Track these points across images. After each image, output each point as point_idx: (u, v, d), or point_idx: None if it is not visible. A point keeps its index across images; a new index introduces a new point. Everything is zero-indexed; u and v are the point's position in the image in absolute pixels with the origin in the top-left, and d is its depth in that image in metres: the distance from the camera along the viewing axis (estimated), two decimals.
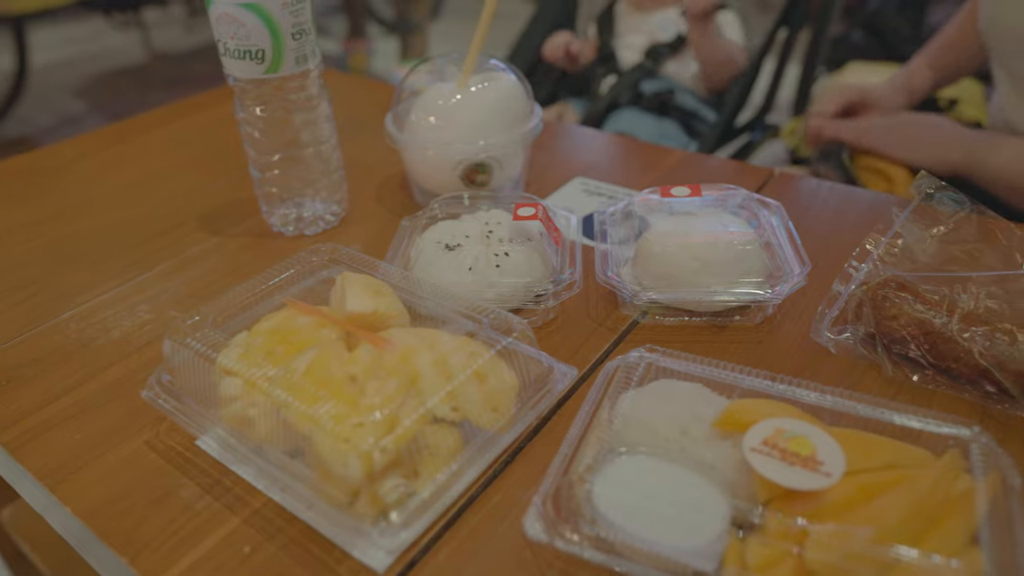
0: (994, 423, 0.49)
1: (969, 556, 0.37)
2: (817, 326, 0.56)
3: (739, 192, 0.64)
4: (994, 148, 0.85)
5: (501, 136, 0.71)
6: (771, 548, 0.38)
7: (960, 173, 0.88)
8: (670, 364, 0.48)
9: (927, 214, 0.56)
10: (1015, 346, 0.48)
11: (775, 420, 0.42)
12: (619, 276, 0.61)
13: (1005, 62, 0.88)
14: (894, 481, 0.41)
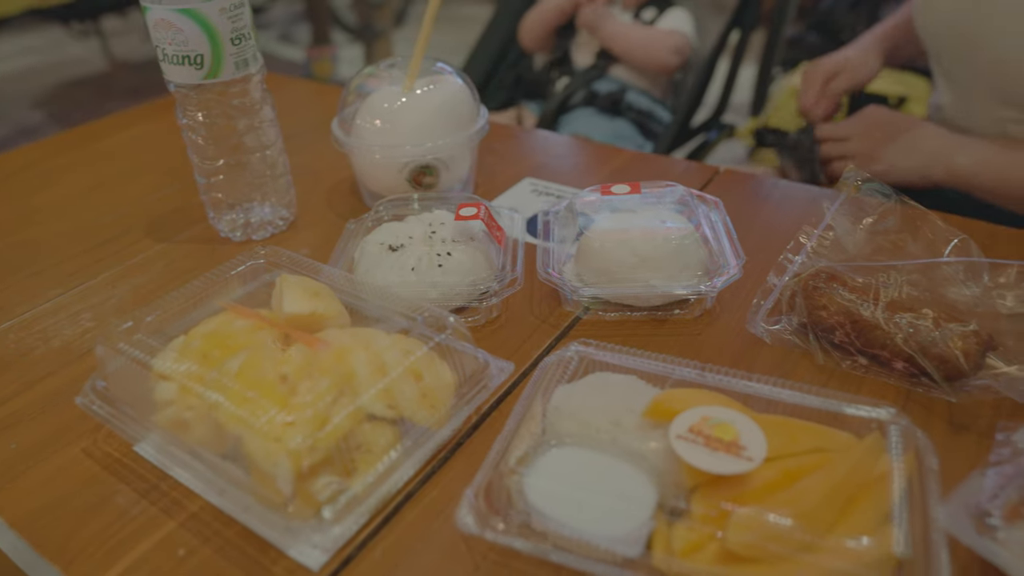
0: (918, 407, 0.50)
1: (883, 533, 0.38)
2: (752, 317, 0.57)
3: (677, 189, 0.65)
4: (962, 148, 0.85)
5: (447, 138, 0.72)
6: (696, 533, 0.39)
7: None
8: (604, 357, 0.49)
9: (857, 206, 0.58)
10: (936, 331, 0.50)
11: (701, 408, 0.43)
12: (562, 273, 0.62)
13: (938, 57, 0.90)
14: (816, 464, 0.42)
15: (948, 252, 0.52)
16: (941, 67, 0.91)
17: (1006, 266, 0.50)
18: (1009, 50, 0.78)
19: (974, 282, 0.51)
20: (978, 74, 0.84)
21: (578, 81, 1.35)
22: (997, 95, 0.83)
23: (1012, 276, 0.50)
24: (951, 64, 0.89)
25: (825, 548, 0.38)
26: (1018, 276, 0.50)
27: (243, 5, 0.63)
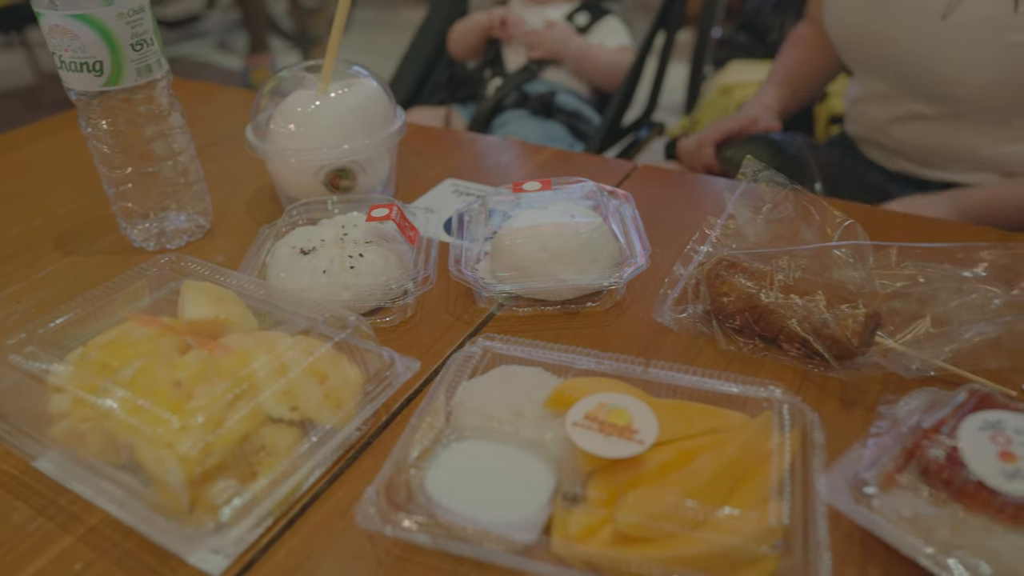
0: (813, 386, 0.52)
1: (768, 507, 0.40)
2: (660, 307, 0.59)
3: (588, 184, 0.67)
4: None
5: (362, 140, 0.72)
6: (591, 517, 0.40)
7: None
8: (510, 351, 0.50)
9: (755, 196, 0.60)
10: (827, 313, 0.52)
11: (599, 395, 0.44)
12: (477, 271, 0.63)
13: (850, 55, 0.94)
14: (710, 445, 0.44)
15: (837, 236, 0.54)
16: (852, 62, 0.95)
17: (887, 247, 0.52)
18: (913, 46, 0.82)
19: (860, 264, 0.53)
20: (889, 69, 0.87)
21: (510, 84, 1.36)
22: (908, 89, 0.86)
23: (893, 256, 0.52)
24: (863, 61, 0.92)
25: (713, 524, 0.39)
26: (898, 256, 0.52)
27: (143, 10, 0.62)
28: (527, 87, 1.36)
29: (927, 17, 0.79)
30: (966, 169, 0.88)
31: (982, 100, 0.81)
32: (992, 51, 0.76)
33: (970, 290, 0.49)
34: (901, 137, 0.91)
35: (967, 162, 0.87)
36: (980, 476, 0.36)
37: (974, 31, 0.77)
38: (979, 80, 0.79)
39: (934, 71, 0.82)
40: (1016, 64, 0.76)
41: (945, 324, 0.50)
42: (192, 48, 3.79)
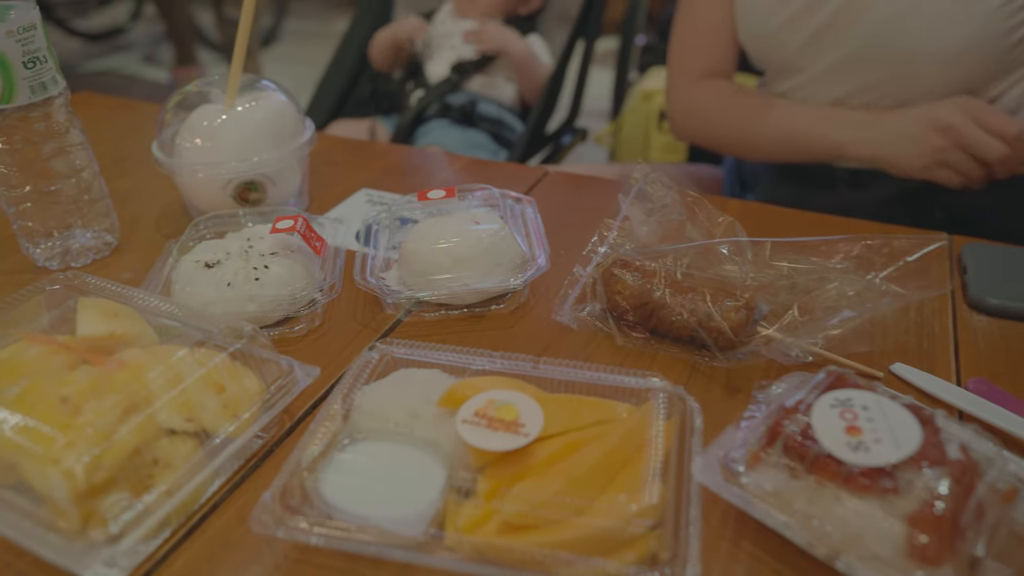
0: (701, 376, 0.56)
1: (647, 490, 0.42)
2: (560, 307, 0.61)
3: (492, 191, 0.69)
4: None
5: (270, 153, 0.73)
6: (480, 509, 0.42)
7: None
8: (409, 355, 0.52)
9: (646, 197, 0.62)
10: (712, 307, 0.55)
11: (489, 393, 0.46)
12: (385, 278, 0.64)
13: (792, 54, 0.95)
14: (595, 435, 0.46)
15: (719, 234, 0.58)
16: (799, 62, 0.93)
17: (763, 243, 0.56)
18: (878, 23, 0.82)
19: (740, 259, 0.56)
20: (843, 55, 0.87)
21: (432, 95, 1.38)
22: (858, 73, 0.87)
23: (767, 251, 0.56)
24: (806, 57, 0.91)
25: (593, 509, 0.41)
26: (772, 251, 0.56)
27: (34, 28, 0.61)
28: (449, 97, 1.38)
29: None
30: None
31: (937, 77, 0.83)
32: (955, 22, 0.78)
33: (834, 279, 0.52)
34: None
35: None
36: (829, 449, 0.39)
37: (935, 2, 0.79)
38: (941, 54, 0.81)
39: (890, 52, 0.83)
40: (980, 32, 0.78)
41: (815, 313, 0.53)
42: (117, 61, 3.70)
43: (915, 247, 0.53)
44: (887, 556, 0.37)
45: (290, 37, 3.99)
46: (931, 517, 0.36)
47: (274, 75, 3.15)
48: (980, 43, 0.79)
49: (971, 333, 0.59)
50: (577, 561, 0.39)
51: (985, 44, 0.79)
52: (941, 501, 0.37)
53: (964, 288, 0.64)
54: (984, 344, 0.58)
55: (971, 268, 0.65)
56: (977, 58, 0.81)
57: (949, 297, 0.63)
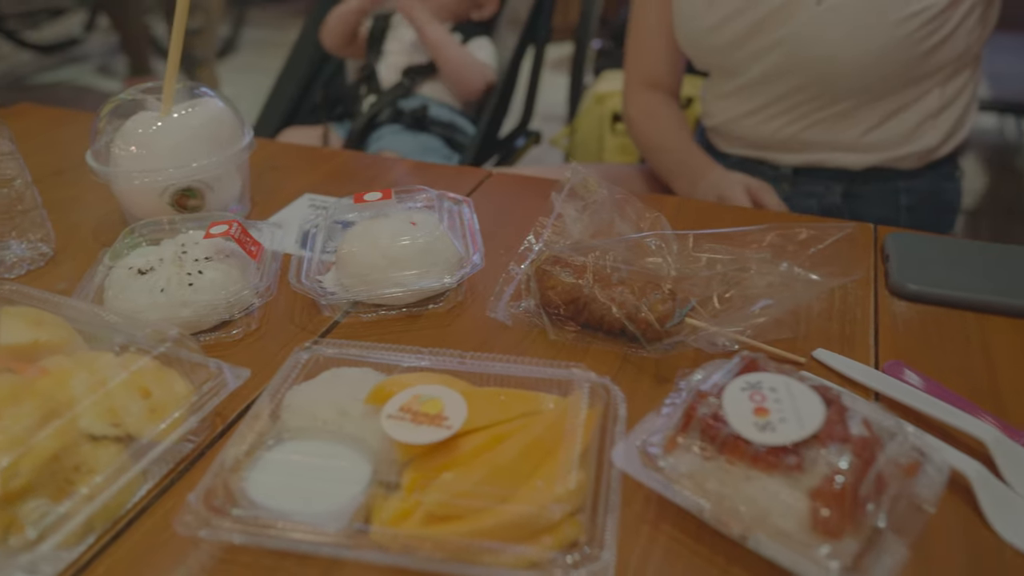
0: (632, 366, 0.57)
1: (569, 477, 0.43)
2: (495, 304, 0.62)
3: (429, 192, 0.70)
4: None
5: (207, 160, 0.72)
6: (405, 501, 0.43)
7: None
8: (340, 354, 0.52)
9: (579, 195, 0.64)
10: (640, 300, 0.56)
11: (415, 388, 0.47)
12: (322, 281, 0.64)
13: (714, 59, 0.98)
14: (521, 427, 0.47)
15: (646, 228, 0.59)
16: (721, 66, 0.98)
17: (686, 235, 0.57)
18: (792, 35, 0.87)
19: (666, 251, 0.58)
20: (764, 63, 0.91)
21: (384, 100, 1.38)
22: (782, 79, 0.91)
23: (690, 242, 0.57)
24: (733, 61, 0.95)
25: (515, 497, 0.42)
26: (695, 242, 0.57)
27: None
28: (401, 102, 1.38)
29: (801, 4, 0.85)
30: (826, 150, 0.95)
31: (857, 81, 0.87)
32: (869, 30, 0.82)
33: (752, 268, 0.54)
34: (761, 126, 0.96)
35: (827, 145, 0.94)
36: (738, 430, 0.41)
37: (851, 12, 0.83)
38: (857, 60, 0.85)
39: (812, 57, 0.87)
40: (892, 41, 0.82)
41: (737, 302, 0.55)
42: (71, 73, 3.63)
43: (824, 235, 0.55)
44: (792, 531, 0.39)
45: (249, 47, 3.96)
46: (831, 491, 0.38)
47: (233, 85, 3.12)
48: (892, 51, 0.83)
49: (891, 318, 0.61)
50: (498, 548, 0.40)
51: (897, 52, 0.83)
52: (841, 475, 0.38)
53: (887, 276, 0.66)
54: (903, 328, 0.60)
55: (893, 256, 0.67)
56: (891, 65, 0.85)
57: (872, 284, 0.66)
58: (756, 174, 1.01)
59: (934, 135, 0.93)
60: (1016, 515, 0.43)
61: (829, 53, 0.85)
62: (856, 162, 0.95)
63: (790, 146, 0.97)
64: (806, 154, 0.97)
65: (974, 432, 0.47)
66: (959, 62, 0.88)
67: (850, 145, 0.94)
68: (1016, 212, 2.46)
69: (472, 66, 1.36)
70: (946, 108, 0.92)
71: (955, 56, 0.86)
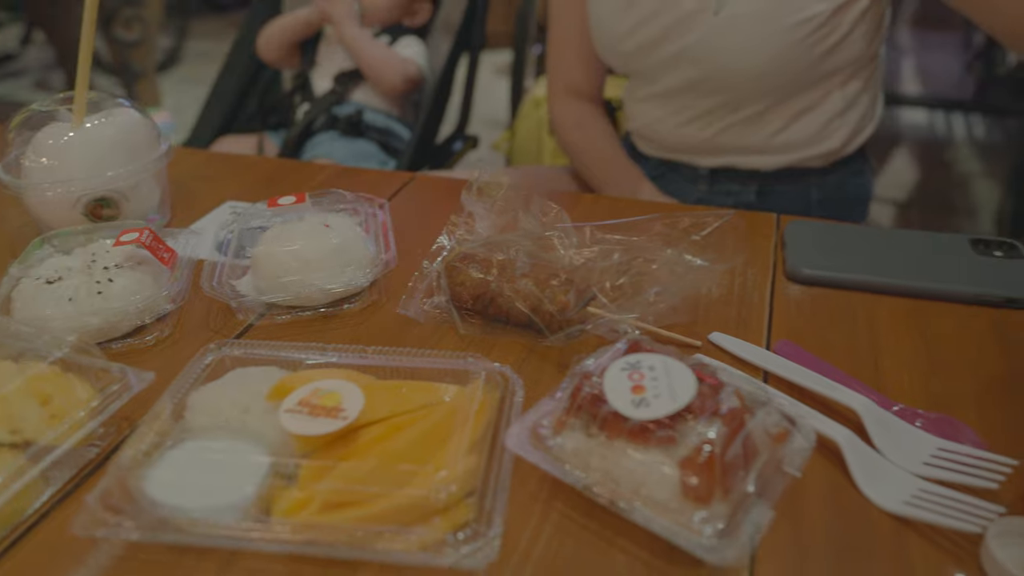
0: (537, 356, 0.59)
1: (464, 461, 0.45)
2: (407, 301, 0.64)
3: (344, 195, 0.71)
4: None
5: (121, 169, 0.73)
6: (303, 491, 0.44)
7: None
8: (245, 354, 0.53)
9: (487, 194, 0.66)
10: (543, 292, 0.58)
11: (315, 383, 0.48)
12: (238, 285, 0.65)
13: (628, 66, 1.02)
14: (420, 416, 0.49)
15: (548, 222, 0.61)
16: (634, 71, 1.01)
17: (583, 228, 0.60)
18: (692, 44, 0.90)
19: (568, 244, 0.60)
20: (670, 70, 0.94)
21: (318, 107, 1.39)
22: (689, 86, 0.94)
23: (587, 235, 0.60)
24: (644, 67, 0.98)
25: (408, 483, 0.43)
26: (592, 234, 0.60)
27: None
28: (335, 109, 1.39)
29: (701, 14, 0.88)
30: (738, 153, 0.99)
31: (759, 87, 0.90)
32: (764, 38, 0.86)
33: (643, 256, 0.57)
34: (676, 131, 1.00)
35: (739, 148, 0.98)
36: (616, 407, 0.43)
37: (746, 21, 0.86)
38: (756, 67, 0.88)
39: (714, 66, 0.90)
40: (786, 47, 0.86)
41: (632, 289, 0.57)
42: (7, 88, 3.54)
43: (705, 223, 0.58)
44: (667, 500, 0.41)
45: (193, 58, 3.91)
46: (699, 460, 0.40)
47: (176, 97, 3.07)
48: (787, 57, 0.87)
49: (785, 301, 0.65)
50: (390, 531, 0.41)
51: (792, 58, 0.87)
52: (709, 445, 0.41)
53: (784, 262, 0.69)
54: (795, 310, 0.63)
55: (790, 243, 0.70)
56: (787, 70, 0.89)
57: (771, 270, 0.69)
58: (675, 175, 1.05)
59: (840, 135, 0.97)
60: (881, 477, 0.46)
61: (729, 61, 0.89)
62: (768, 163, 0.99)
63: (705, 149, 1.00)
64: (721, 157, 1.00)
65: (848, 402, 0.50)
66: (856, 64, 0.92)
67: (761, 148, 0.98)
68: (945, 203, 2.57)
69: (389, 61, 1.36)
70: (849, 109, 0.96)
71: (852, 59, 0.90)
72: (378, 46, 1.37)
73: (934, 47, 3.87)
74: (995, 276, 0.64)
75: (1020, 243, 0.68)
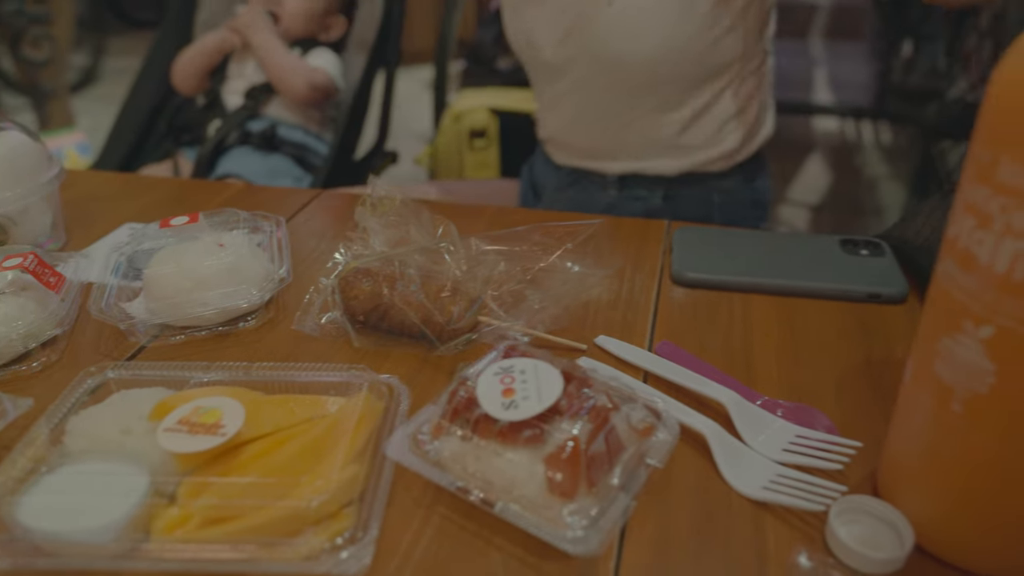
0: (430, 366, 0.60)
1: (345, 470, 0.46)
2: (302, 317, 0.65)
3: (238, 213, 0.71)
4: None
5: (9, 193, 0.71)
6: (182, 509, 0.44)
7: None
8: (131, 375, 0.53)
9: (380, 208, 0.67)
10: (433, 304, 0.60)
11: (197, 401, 0.48)
12: (129, 307, 0.65)
13: (538, 66, 1.04)
14: (303, 430, 0.49)
15: (438, 235, 0.63)
16: (545, 72, 1.04)
17: (469, 240, 0.62)
18: (591, 36, 0.93)
19: (457, 255, 0.62)
20: (575, 66, 0.98)
21: (230, 123, 1.38)
22: (592, 81, 0.98)
23: (473, 247, 0.62)
24: (553, 66, 1.01)
25: (291, 494, 0.44)
26: (476, 246, 0.62)
27: None
28: (249, 124, 1.38)
29: (597, 6, 0.91)
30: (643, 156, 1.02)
31: (652, 77, 0.94)
32: (653, 28, 0.90)
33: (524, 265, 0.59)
34: (583, 132, 1.03)
35: (643, 150, 1.02)
36: (487, 410, 0.45)
37: (634, 11, 0.90)
38: (647, 56, 0.92)
39: (609, 55, 0.93)
40: (674, 38, 0.90)
41: (521, 296, 0.60)
42: None
43: (578, 231, 0.60)
44: (536, 497, 0.43)
45: (111, 76, 3.80)
46: (562, 457, 0.42)
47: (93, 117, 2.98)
48: (673, 47, 0.92)
49: (669, 304, 0.68)
50: (271, 544, 0.42)
51: (678, 48, 0.92)
52: (572, 442, 0.43)
53: (671, 266, 0.73)
54: (678, 312, 0.67)
55: (677, 248, 0.74)
56: (674, 60, 0.93)
57: (658, 275, 0.72)
58: (587, 182, 1.09)
59: (734, 137, 1.02)
60: (744, 465, 0.49)
61: (623, 50, 0.93)
62: (670, 168, 1.03)
63: (612, 153, 1.04)
64: (627, 162, 1.04)
65: (717, 397, 0.54)
66: (745, 63, 0.97)
67: (662, 151, 1.02)
68: (855, 205, 2.70)
69: (296, 67, 1.37)
70: (741, 112, 1.02)
71: (738, 55, 0.95)
72: (287, 54, 1.37)
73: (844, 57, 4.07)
74: (860, 273, 0.69)
75: (884, 242, 0.74)
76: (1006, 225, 0.34)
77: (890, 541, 0.43)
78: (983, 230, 0.35)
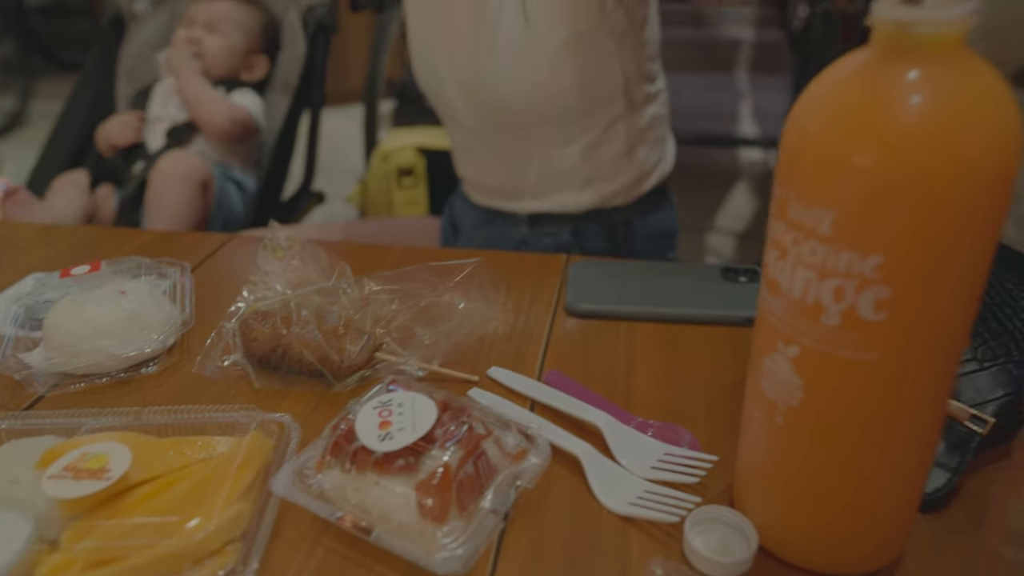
0: (327, 403, 0.63)
1: (231, 509, 0.48)
2: (204, 361, 0.66)
3: (140, 260, 0.73)
4: None
5: None
6: (65, 554, 0.45)
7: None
8: (21, 425, 0.54)
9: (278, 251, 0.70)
10: (328, 343, 0.62)
11: (84, 447, 0.50)
12: (28, 357, 0.65)
13: (443, 106, 1.09)
14: (194, 471, 0.51)
15: (335, 276, 0.66)
16: (446, 111, 1.09)
17: (363, 280, 0.65)
18: (480, 76, 0.98)
19: (352, 294, 0.65)
20: (473, 105, 1.02)
21: (151, 163, 1.38)
22: (487, 121, 1.02)
23: (365, 286, 0.65)
24: (451, 107, 1.05)
25: (176, 534, 0.46)
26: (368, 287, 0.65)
27: None
28: None
29: (482, 53, 0.95)
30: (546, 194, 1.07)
31: (540, 115, 0.98)
32: (530, 66, 0.94)
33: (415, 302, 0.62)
34: (488, 176, 1.07)
35: (542, 189, 1.06)
36: (364, 442, 0.47)
37: (509, 51, 0.94)
38: (528, 94, 0.96)
39: (497, 98, 0.98)
40: (551, 72, 0.94)
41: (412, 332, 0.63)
42: None
43: (459, 269, 0.64)
44: (410, 522, 0.45)
45: (39, 120, 3.73)
46: (432, 483, 0.45)
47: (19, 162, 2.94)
48: (550, 86, 0.96)
49: (561, 334, 0.72)
50: None
51: (558, 83, 0.96)
52: (443, 468, 0.46)
53: (566, 298, 0.77)
54: (568, 342, 0.71)
55: (572, 281, 0.78)
56: (553, 100, 0.97)
57: (552, 307, 0.76)
58: (500, 220, 1.13)
59: (631, 171, 1.08)
60: (615, 483, 0.53)
61: (505, 94, 0.97)
62: (575, 204, 1.08)
63: (518, 193, 1.09)
64: (533, 201, 1.09)
65: (593, 420, 0.57)
66: (630, 95, 1.02)
67: (563, 186, 1.07)
68: None
69: (216, 103, 1.40)
70: (636, 146, 1.07)
71: (620, 85, 1.00)
72: (209, 90, 1.41)
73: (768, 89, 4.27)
74: (738, 299, 0.74)
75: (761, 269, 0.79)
76: (797, 256, 0.39)
77: (739, 546, 0.47)
78: (782, 260, 0.40)
